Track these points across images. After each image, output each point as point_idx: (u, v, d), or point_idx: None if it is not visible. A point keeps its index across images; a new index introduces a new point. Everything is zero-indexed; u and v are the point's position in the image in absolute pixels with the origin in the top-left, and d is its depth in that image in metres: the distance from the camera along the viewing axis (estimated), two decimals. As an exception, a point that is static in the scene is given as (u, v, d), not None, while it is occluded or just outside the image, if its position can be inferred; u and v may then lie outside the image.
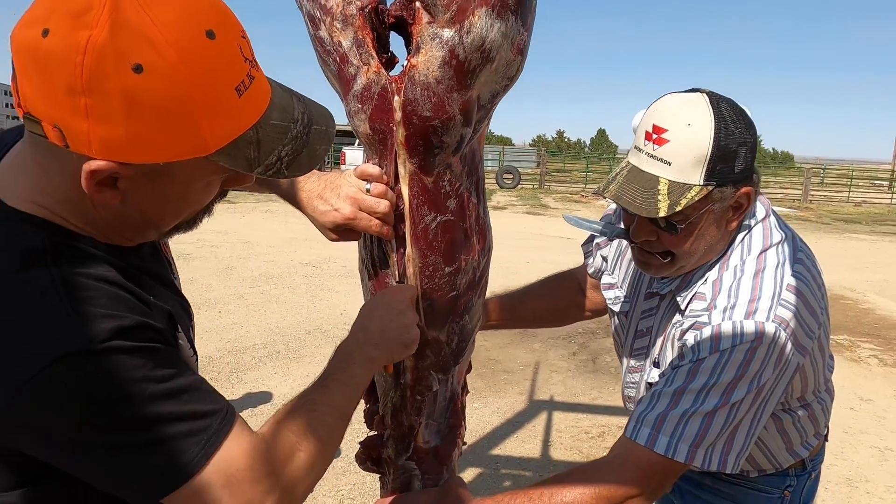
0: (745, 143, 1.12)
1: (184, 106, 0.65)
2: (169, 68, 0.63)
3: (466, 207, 1.06)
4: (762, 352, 1.09)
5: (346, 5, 1.00)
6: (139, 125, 0.64)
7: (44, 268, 0.71)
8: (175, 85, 0.64)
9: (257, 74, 0.73)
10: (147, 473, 0.72)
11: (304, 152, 0.78)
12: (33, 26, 0.63)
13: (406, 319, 1.00)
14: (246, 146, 0.72)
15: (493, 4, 0.94)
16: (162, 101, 0.64)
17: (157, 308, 0.81)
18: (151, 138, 0.66)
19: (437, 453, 1.18)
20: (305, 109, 0.80)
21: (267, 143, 0.74)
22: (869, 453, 3.77)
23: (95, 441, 0.70)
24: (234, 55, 0.69)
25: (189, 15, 0.65)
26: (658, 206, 1.10)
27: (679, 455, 1.09)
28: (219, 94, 0.67)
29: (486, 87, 1.00)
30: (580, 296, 1.66)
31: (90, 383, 0.68)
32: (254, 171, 0.75)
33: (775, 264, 1.17)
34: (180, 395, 0.73)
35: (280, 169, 0.76)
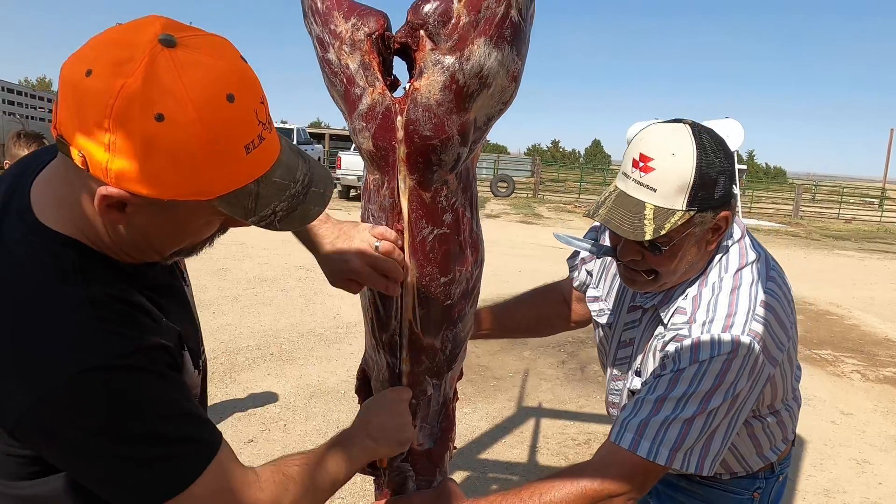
0: (724, 172, 1.21)
1: (193, 156, 0.73)
2: (186, 122, 0.71)
3: (461, 221, 1.13)
4: (738, 363, 1.17)
5: (354, 31, 1.07)
6: (151, 165, 0.72)
7: (73, 286, 0.79)
8: (189, 137, 0.72)
9: (269, 136, 0.80)
10: (143, 485, 0.80)
11: (298, 210, 0.85)
12: (81, 64, 0.72)
13: (404, 421, 1.13)
14: (245, 197, 0.79)
15: (492, 35, 1.02)
16: (174, 148, 0.72)
17: (169, 329, 0.88)
18: (160, 177, 0.73)
19: (431, 455, 1.25)
20: (308, 171, 0.87)
21: (265, 197, 0.81)
22: (847, 465, 3.86)
23: (104, 451, 0.77)
24: (248, 118, 0.76)
25: (215, 79, 0.73)
26: (644, 231, 1.18)
27: (660, 458, 1.17)
28: (227, 149, 0.75)
29: (483, 111, 1.08)
30: (565, 308, 1.74)
31: (110, 396, 0.76)
32: (248, 219, 0.82)
33: (750, 282, 1.25)
34: (184, 417, 0.83)
35: (273, 222, 0.83)
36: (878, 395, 5.09)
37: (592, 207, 1.28)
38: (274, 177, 0.81)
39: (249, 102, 0.77)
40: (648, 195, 1.20)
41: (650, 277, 1.29)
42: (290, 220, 0.85)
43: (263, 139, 0.79)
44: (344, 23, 1.08)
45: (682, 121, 1.24)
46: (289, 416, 4.09)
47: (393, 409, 1.13)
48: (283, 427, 3.95)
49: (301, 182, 0.85)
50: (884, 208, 25.46)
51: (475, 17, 1.02)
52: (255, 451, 3.63)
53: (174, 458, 0.81)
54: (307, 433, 3.87)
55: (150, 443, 0.79)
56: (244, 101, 0.75)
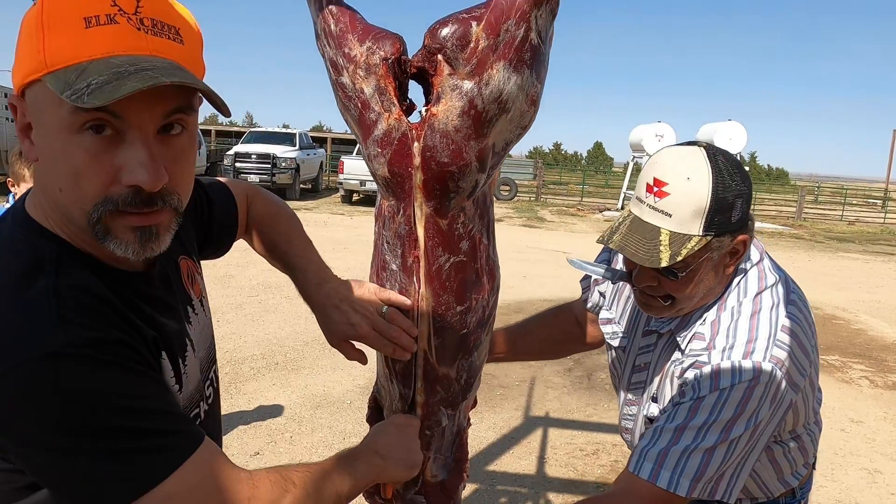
0: (741, 195, 1.18)
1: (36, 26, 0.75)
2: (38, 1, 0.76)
3: (478, 249, 1.10)
4: (759, 390, 1.14)
5: (369, 55, 1.04)
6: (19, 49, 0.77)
7: (44, 276, 0.77)
8: (37, 9, 0.75)
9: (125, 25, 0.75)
10: (98, 484, 0.74)
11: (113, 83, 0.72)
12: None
13: (413, 445, 1.10)
14: (73, 72, 0.73)
15: (511, 59, 0.99)
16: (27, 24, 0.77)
17: (141, 330, 0.84)
18: (21, 59, 0.77)
19: (444, 487, 1.21)
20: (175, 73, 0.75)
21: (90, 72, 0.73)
22: (858, 475, 3.82)
23: (54, 442, 0.72)
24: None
25: None
26: (660, 257, 1.15)
27: (681, 489, 1.14)
28: (62, 15, 0.75)
29: (501, 136, 1.05)
30: (578, 329, 1.71)
31: (59, 385, 0.71)
32: (63, 93, 0.72)
33: (770, 306, 1.22)
34: (154, 412, 0.78)
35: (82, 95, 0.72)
36: (888, 402, 5.05)
37: (606, 233, 1.25)
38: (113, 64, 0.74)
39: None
40: (664, 220, 1.18)
41: (667, 303, 1.26)
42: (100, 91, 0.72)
43: (116, 22, 0.75)
44: (359, 46, 1.05)
45: (697, 143, 1.22)
46: (295, 428, 4.06)
47: (401, 432, 1.10)
48: (290, 439, 3.92)
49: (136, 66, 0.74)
50: (887, 209, 25.40)
51: (494, 40, 0.99)
52: (262, 463, 3.59)
53: (142, 452, 0.75)
54: (314, 445, 3.84)
55: (113, 436, 0.74)
56: None
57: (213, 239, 1.23)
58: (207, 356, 1.07)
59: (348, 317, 1.08)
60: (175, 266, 1.02)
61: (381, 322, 1.06)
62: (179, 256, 1.05)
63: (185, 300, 1.03)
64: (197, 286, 1.06)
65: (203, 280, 1.13)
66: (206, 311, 1.08)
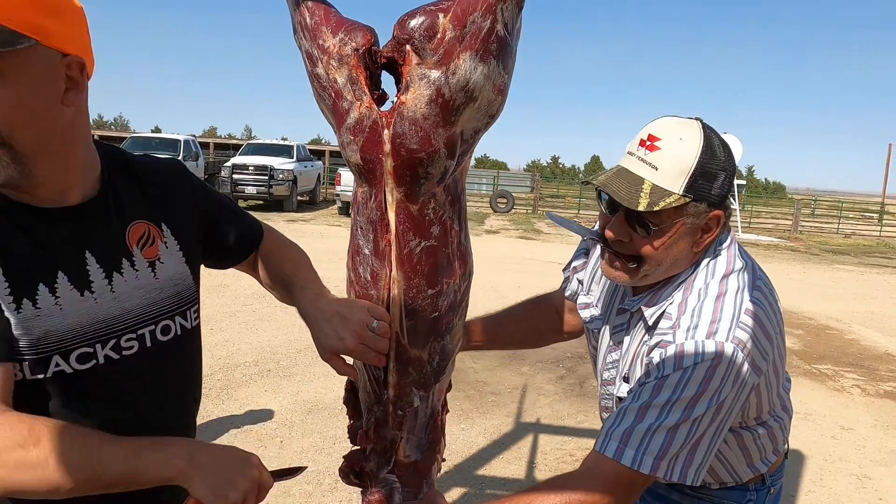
0: (725, 170, 1.24)
1: None
2: None
3: (449, 234, 1.14)
4: (722, 370, 1.17)
5: (342, 45, 1.08)
6: None
7: None
8: None
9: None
10: None
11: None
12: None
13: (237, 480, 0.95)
14: None
15: (477, 49, 1.03)
16: None
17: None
18: None
19: (417, 467, 1.24)
20: None
21: None
22: (847, 481, 3.83)
23: None
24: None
25: None
26: (639, 201, 1.20)
27: (644, 467, 1.16)
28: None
29: (469, 124, 1.08)
30: (557, 319, 1.74)
31: None
32: None
33: (736, 289, 1.26)
34: None
35: None
36: (879, 409, 5.06)
37: (592, 175, 1.30)
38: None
39: None
40: (649, 172, 1.22)
41: (632, 265, 1.29)
42: None
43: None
44: (332, 38, 1.10)
45: (697, 119, 1.27)
46: (285, 433, 4.07)
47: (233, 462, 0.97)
48: (280, 444, 3.93)
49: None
50: (883, 223, 25.48)
51: (461, 31, 1.03)
52: (252, 467, 3.61)
53: None
54: (304, 449, 3.86)
55: None
56: None
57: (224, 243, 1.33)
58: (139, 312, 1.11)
59: (338, 331, 1.11)
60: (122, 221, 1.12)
61: (370, 336, 1.10)
62: (138, 219, 1.14)
63: (124, 253, 1.11)
64: (152, 250, 1.14)
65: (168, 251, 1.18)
66: (153, 273, 1.14)
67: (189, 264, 1.21)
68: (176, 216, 1.21)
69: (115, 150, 1.20)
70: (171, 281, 1.17)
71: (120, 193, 1.13)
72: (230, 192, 17.25)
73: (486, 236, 15.56)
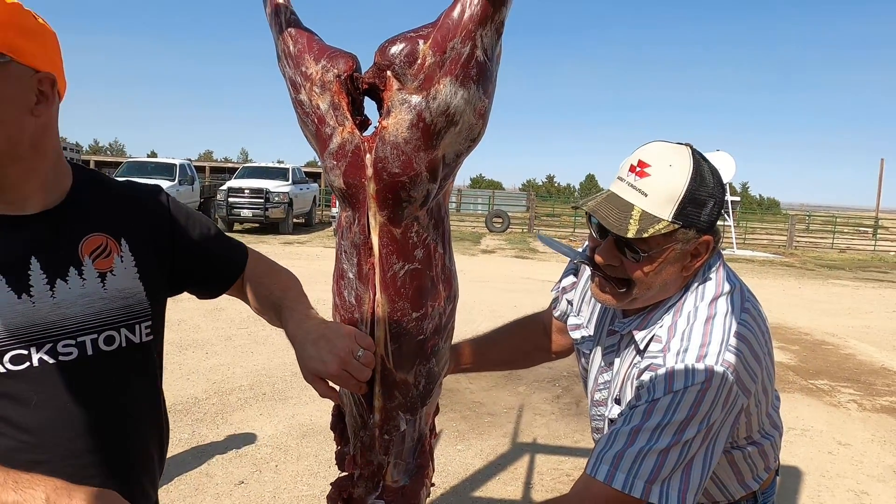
0: (714, 197, 1.25)
1: None
2: None
3: (433, 257, 1.15)
4: (712, 393, 1.18)
5: (324, 72, 1.10)
6: None
7: None
8: None
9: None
10: None
11: None
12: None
13: None
14: None
15: (457, 74, 1.05)
16: None
17: None
18: None
19: (405, 492, 1.24)
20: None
21: None
22: (845, 497, 3.81)
23: None
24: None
25: None
26: (628, 228, 1.20)
27: (635, 491, 1.16)
28: None
29: (451, 148, 1.10)
30: (545, 339, 1.75)
31: None
32: None
33: (725, 312, 1.26)
34: None
35: None
36: (876, 424, 5.05)
37: (582, 200, 1.31)
38: None
39: None
40: (638, 198, 1.23)
41: (622, 290, 1.30)
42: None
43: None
44: (314, 65, 1.11)
45: (687, 145, 1.28)
46: (280, 457, 4.04)
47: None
48: (275, 468, 3.90)
49: None
50: (877, 237, 25.58)
51: (441, 57, 1.05)
52: (247, 492, 3.58)
53: None
54: (299, 473, 3.83)
55: None
56: None
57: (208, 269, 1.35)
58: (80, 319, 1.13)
59: (322, 354, 1.11)
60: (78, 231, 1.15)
61: (353, 363, 1.10)
62: (97, 232, 1.17)
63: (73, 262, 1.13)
64: (106, 262, 1.16)
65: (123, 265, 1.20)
66: (101, 283, 1.15)
67: (144, 281, 1.21)
68: (139, 234, 1.23)
69: (93, 171, 1.25)
70: (121, 294, 1.18)
71: (84, 206, 1.17)
72: (226, 216, 17.26)
73: (482, 256, 15.58)
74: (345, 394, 1.22)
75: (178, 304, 7.68)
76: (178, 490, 3.55)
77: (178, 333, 6.60)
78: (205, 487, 3.61)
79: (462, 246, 17.33)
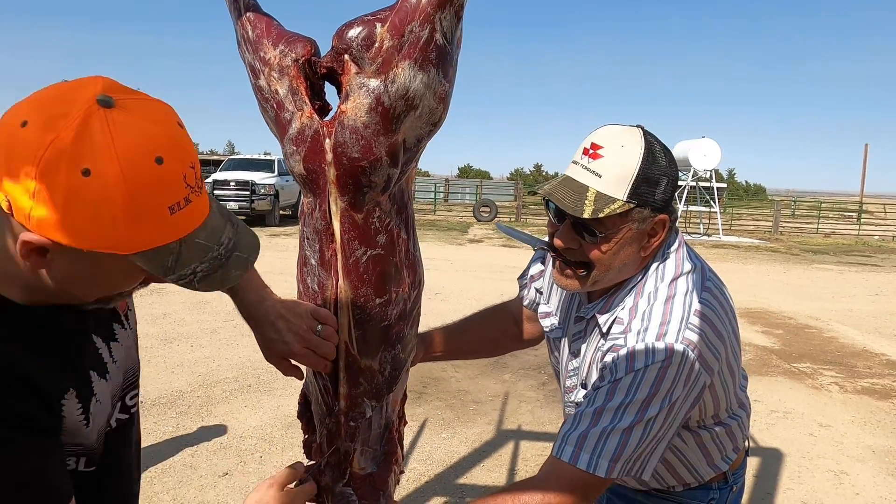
0: (667, 175, 1.25)
1: (114, 211, 0.74)
2: (111, 179, 0.72)
3: (396, 243, 1.14)
4: (673, 371, 1.18)
5: (282, 57, 1.09)
6: (72, 216, 0.74)
7: None
8: (112, 193, 0.73)
9: (196, 199, 0.82)
10: None
11: (218, 272, 0.86)
12: (18, 116, 0.74)
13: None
14: (166, 255, 0.80)
15: (416, 58, 1.04)
16: (96, 203, 0.73)
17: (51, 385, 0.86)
18: (80, 229, 0.75)
19: (373, 480, 1.24)
20: (234, 236, 0.88)
21: (187, 257, 0.82)
22: (825, 477, 3.86)
23: None
24: (175, 181, 0.78)
25: (145, 140, 0.75)
26: (584, 209, 1.21)
27: (599, 470, 1.17)
28: (150, 209, 0.76)
29: (412, 132, 1.09)
30: (515, 327, 1.75)
31: None
32: (167, 277, 0.83)
33: (685, 291, 1.27)
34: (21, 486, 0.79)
35: (192, 282, 0.84)
36: (856, 406, 5.11)
37: (538, 186, 1.31)
38: (198, 238, 0.83)
39: (178, 166, 0.78)
40: (593, 180, 1.24)
41: (582, 273, 1.30)
42: (209, 281, 0.86)
43: (190, 202, 0.80)
44: (272, 49, 1.10)
45: (639, 126, 1.29)
46: (265, 448, 4.04)
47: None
48: (260, 459, 3.89)
49: (225, 246, 0.87)
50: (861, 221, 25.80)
51: (399, 41, 1.04)
52: (231, 483, 3.58)
53: None
54: (284, 464, 3.79)
55: None
56: (172, 165, 0.77)
57: None
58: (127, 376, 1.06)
59: (282, 335, 1.11)
60: None
61: (315, 340, 1.10)
62: None
63: (114, 317, 1.04)
64: (124, 302, 1.07)
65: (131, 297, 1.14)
66: (131, 328, 1.08)
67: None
68: None
69: None
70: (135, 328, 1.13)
71: None
72: (211, 208, 17.10)
73: (470, 245, 15.58)
74: (311, 381, 1.21)
75: (163, 298, 7.66)
76: (161, 482, 3.54)
77: (163, 327, 6.57)
78: (189, 479, 3.60)
79: (449, 236, 17.33)
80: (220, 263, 0.86)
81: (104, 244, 0.76)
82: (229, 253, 0.87)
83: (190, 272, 0.83)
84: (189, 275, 0.83)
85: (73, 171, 0.72)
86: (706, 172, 20.10)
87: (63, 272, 0.81)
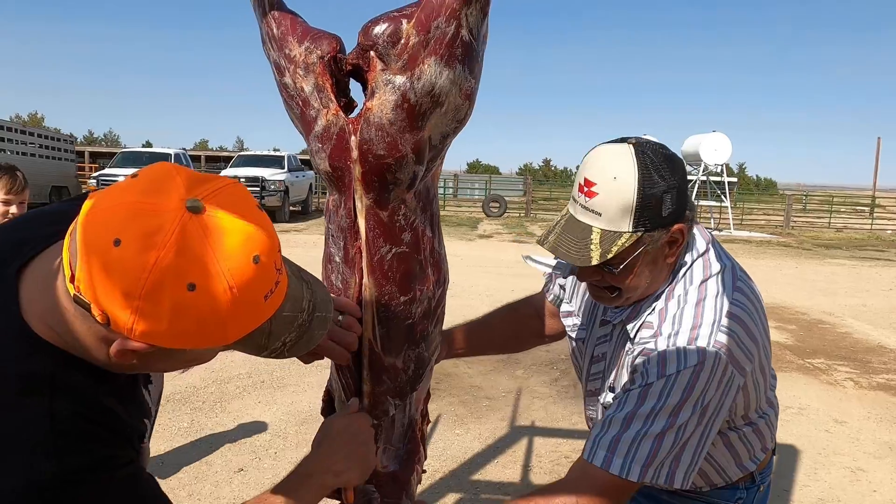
0: (671, 188, 1.20)
1: (220, 317, 0.74)
2: (217, 290, 0.72)
3: (421, 241, 1.13)
4: (705, 375, 1.17)
5: (307, 54, 1.08)
6: (178, 326, 0.73)
7: (39, 397, 0.77)
8: (218, 303, 0.73)
9: (281, 278, 0.82)
10: None
11: (304, 337, 0.88)
12: (107, 232, 0.71)
13: (369, 450, 1.13)
14: (259, 336, 0.81)
15: (442, 54, 1.03)
16: (203, 314, 0.73)
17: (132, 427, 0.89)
18: (185, 336, 0.74)
19: (396, 478, 1.23)
20: (312, 297, 0.89)
21: (277, 332, 0.83)
22: (841, 474, 3.84)
23: None
24: (269, 273, 0.78)
25: (242, 244, 0.74)
26: (591, 256, 1.19)
27: (632, 475, 1.16)
28: (250, 304, 0.76)
29: (437, 129, 1.08)
30: (538, 322, 1.74)
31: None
32: (261, 354, 0.85)
33: (715, 293, 1.26)
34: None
35: (282, 352, 0.86)
36: (872, 402, 5.07)
37: (544, 233, 1.29)
38: (284, 311, 0.83)
39: (270, 258, 0.78)
40: (594, 219, 1.21)
41: (613, 294, 1.29)
42: (297, 347, 0.88)
43: (279, 283, 0.81)
44: (298, 47, 1.10)
45: (626, 140, 1.23)
46: (279, 444, 4.05)
47: (358, 437, 1.12)
48: (274, 455, 3.91)
49: (307, 310, 0.88)
50: (874, 216, 25.60)
51: (425, 37, 1.03)
52: (246, 479, 3.59)
53: None
54: (298, 460, 3.82)
55: None
56: (267, 259, 0.77)
57: None
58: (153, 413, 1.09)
59: None
60: None
61: (337, 330, 1.09)
62: None
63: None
64: None
65: None
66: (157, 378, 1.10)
67: None
68: None
69: None
70: None
71: None
72: (222, 205, 17.17)
73: (480, 241, 15.57)
74: (334, 379, 1.21)
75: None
76: (177, 479, 3.56)
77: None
78: (204, 476, 3.61)
79: (459, 231, 17.31)
80: (305, 329, 0.88)
81: (207, 343, 0.77)
82: (311, 316, 0.89)
83: (280, 344, 0.85)
84: (279, 347, 0.85)
85: (179, 288, 0.71)
86: (717, 167, 19.99)
87: (152, 361, 0.81)
